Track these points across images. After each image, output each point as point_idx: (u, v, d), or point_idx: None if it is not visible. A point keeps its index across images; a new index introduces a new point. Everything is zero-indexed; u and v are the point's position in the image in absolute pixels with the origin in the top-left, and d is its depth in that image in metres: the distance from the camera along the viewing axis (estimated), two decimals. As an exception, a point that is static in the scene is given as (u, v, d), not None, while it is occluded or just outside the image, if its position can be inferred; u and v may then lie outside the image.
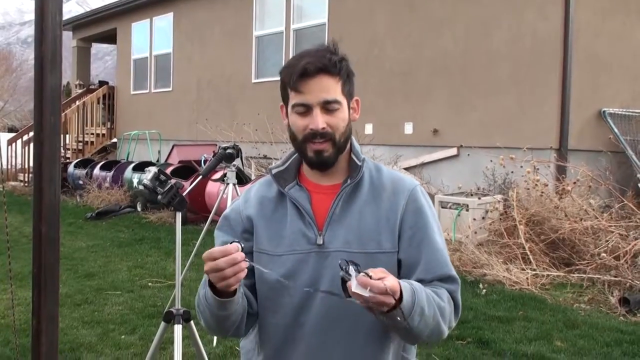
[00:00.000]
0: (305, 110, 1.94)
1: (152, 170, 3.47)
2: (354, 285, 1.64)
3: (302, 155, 2.02)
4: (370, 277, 1.64)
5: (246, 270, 1.75)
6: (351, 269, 1.66)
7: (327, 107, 1.94)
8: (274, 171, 2.08)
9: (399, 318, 1.72)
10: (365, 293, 1.63)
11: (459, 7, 11.13)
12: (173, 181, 3.41)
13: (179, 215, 3.51)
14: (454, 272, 2.02)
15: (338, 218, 1.99)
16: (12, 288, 3.17)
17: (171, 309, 3.67)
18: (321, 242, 1.97)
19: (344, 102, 1.98)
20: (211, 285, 1.83)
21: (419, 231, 1.99)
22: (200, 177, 5.40)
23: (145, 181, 3.47)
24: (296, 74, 1.93)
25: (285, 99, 2.03)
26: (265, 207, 2.06)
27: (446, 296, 1.95)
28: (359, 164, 2.03)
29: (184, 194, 3.51)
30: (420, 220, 2.01)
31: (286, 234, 2.00)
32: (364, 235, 1.97)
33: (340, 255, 1.93)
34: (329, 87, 1.94)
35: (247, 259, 1.75)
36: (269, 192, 2.08)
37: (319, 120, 1.92)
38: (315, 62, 1.92)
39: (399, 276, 1.94)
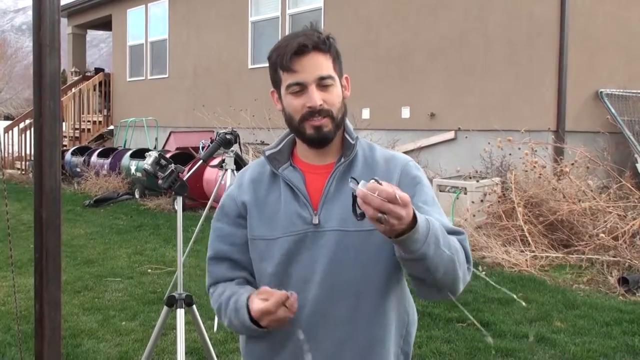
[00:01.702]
0: (300, 89, 1.94)
1: (153, 154, 3.46)
2: (361, 192, 1.59)
3: (300, 135, 2.02)
4: (380, 184, 1.60)
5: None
6: (361, 182, 1.62)
7: (322, 83, 1.94)
8: (267, 152, 2.08)
9: (413, 244, 1.68)
10: (375, 199, 1.58)
11: (455, -10, 11.10)
12: (173, 166, 3.41)
13: (179, 200, 3.51)
14: (457, 227, 1.99)
15: (332, 197, 1.98)
16: (13, 274, 3.17)
17: (173, 294, 3.67)
18: (317, 222, 1.96)
19: (337, 78, 1.98)
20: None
21: (416, 196, 1.97)
22: (201, 161, 5.39)
23: (146, 166, 3.47)
24: (289, 53, 1.93)
25: (276, 82, 2.03)
26: (258, 190, 2.06)
27: (457, 243, 1.89)
28: (352, 142, 2.03)
29: (184, 178, 3.51)
30: (416, 189, 2.00)
31: (281, 216, 2.00)
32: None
33: (337, 234, 1.94)
34: (322, 64, 1.94)
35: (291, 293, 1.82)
36: (262, 174, 2.08)
37: (316, 97, 1.93)
38: (306, 40, 1.93)
39: None
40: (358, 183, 1.63)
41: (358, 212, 1.65)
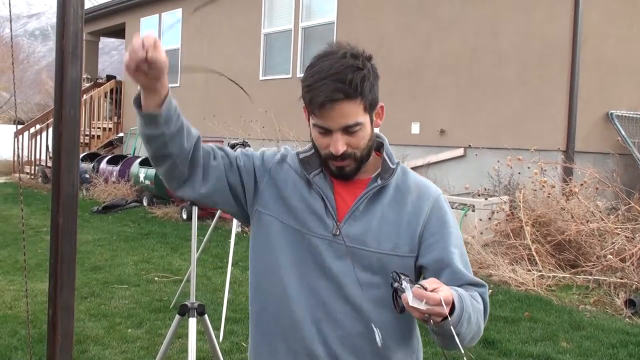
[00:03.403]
0: (325, 131, 1.93)
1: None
2: (410, 299, 1.61)
3: (324, 166, 2.02)
4: (425, 289, 1.62)
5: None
6: (404, 282, 1.64)
7: (348, 129, 1.91)
8: (301, 156, 2.07)
9: (449, 327, 1.70)
10: (422, 306, 1.61)
11: (468, 7, 11.13)
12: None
13: (195, 209, 3.53)
14: (478, 278, 2.00)
15: (360, 215, 1.99)
16: (26, 279, 3.18)
17: (185, 302, 3.68)
18: (337, 233, 1.97)
19: (366, 119, 1.94)
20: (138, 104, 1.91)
21: (443, 239, 1.98)
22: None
23: (162, 174, 3.49)
24: (315, 105, 1.89)
25: (307, 107, 1.98)
26: (290, 183, 2.06)
27: (480, 299, 1.93)
28: (392, 167, 2.03)
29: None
30: (444, 229, 2.00)
31: (302, 211, 2.01)
32: (382, 236, 1.96)
33: (353, 250, 1.95)
34: (350, 113, 1.89)
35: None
36: (294, 172, 2.08)
37: (339, 145, 1.91)
38: (335, 93, 1.86)
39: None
40: (399, 276, 1.67)
41: (400, 306, 1.70)
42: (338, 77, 1.87)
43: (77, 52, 2.14)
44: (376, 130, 2.08)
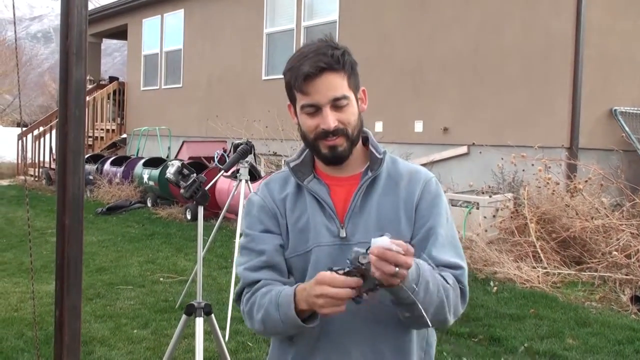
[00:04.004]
0: (315, 110, 1.95)
1: (176, 164, 3.49)
2: (386, 242, 1.63)
3: (315, 152, 2.03)
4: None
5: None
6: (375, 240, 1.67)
7: (336, 104, 1.93)
8: (292, 164, 2.08)
9: (403, 292, 1.73)
10: (394, 247, 1.63)
11: (471, 4, 11.12)
12: (196, 175, 3.43)
13: (201, 210, 3.53)
14: (459, 260, 2.00)
15: (359, 210, 2.00)
16: (32, 281, 3.19)
17: (192, 302, 3.68)
18: (344, 235, 1.98)
19: (352, 95, 1.97)
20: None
21: (430, 220, 2.00)
22: (222, 172, 5.40)
23: (169, 175, 3.49)
24: (301, 77, 1.93)
25: (292, 98, 2.03)
26: (288, 208, 2.06)
27: (451, 279, 1.94)
28: (379, 156, 2.05)
29: (206, 187, 3.54)
30: (433, 210, 2.02)
31: (310, 228, 2.01)
32: (384, 226, 1.97)
33: (363, 246, 1.95)
34: (336, 85, 1.93)
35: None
36: (286, 190, 2.08)
37: (330, 120, 1.93)
38: (318, 62, 1.91)
39: None
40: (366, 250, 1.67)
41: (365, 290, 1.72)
42: (319, 52, 1.94)
43: (81, 53, 2.15)
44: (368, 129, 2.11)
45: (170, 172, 3.49)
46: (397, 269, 1.64)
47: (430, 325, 1.86)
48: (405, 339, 2.01)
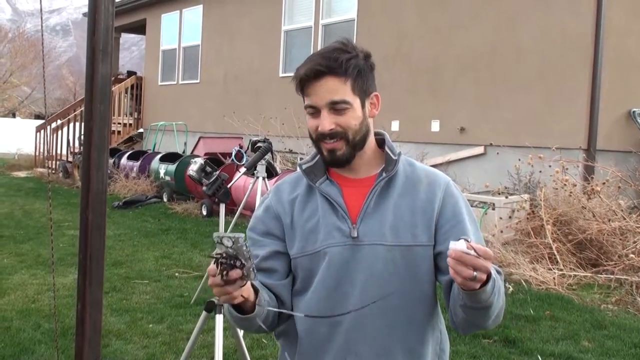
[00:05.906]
0: (315, 111, 1.97)
1: (199, 161, 3.50)
2: (464, 245, 1.62)
3: (319, 153, 2.05)
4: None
5: (241, 298, 1.76)
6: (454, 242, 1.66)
7: (335, 107, 1.94)
8: (304, 166, 2.09)
9: (484, 294, 1.72)
10: (472, 252, 1.61)
11: (488, 3, 11.08)
12: (218, 173, 3.44)
13: (222, 207, 3.54)
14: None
15: (372, 211, 2.00)
16: (53, 274, 3.21)
17: (212, 299, 3.69)
18: (355, 235, 1.98)
19: (355, 101, 1.97)
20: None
21: (459, 224, 1.99)
22: (245, 170, 5.41)
23: (191, 172, 3.50)
24: (297, 79, 1.96)
25: (297, 90, 2.05)
26: (297, 208, 2.07)
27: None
28: (395, 158, 2.05)
29: (228, 185, 3.55)
30: (460, 215, 2.01)
31: (320, 229, 2.01)
32: (399, 228, 1.97)
33: (376, 248, 1.96)
34: (336, 89, 1.93)
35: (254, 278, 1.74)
36: (296, 191, 2.09)
37: (326, 123, 1.94)
38: (317, 66, 1.93)
39: (441, 269, 1.97)
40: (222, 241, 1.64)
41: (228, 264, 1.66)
42: (323, 55, 1.96)
43: (107, 49, 2.16)
44: (376, 131, 2.11)
45: (193, 169, 3.50)
46: (475, 273, 1.64)
47: (487, 327, 1.89)
48: (419, 343, 2.01)
